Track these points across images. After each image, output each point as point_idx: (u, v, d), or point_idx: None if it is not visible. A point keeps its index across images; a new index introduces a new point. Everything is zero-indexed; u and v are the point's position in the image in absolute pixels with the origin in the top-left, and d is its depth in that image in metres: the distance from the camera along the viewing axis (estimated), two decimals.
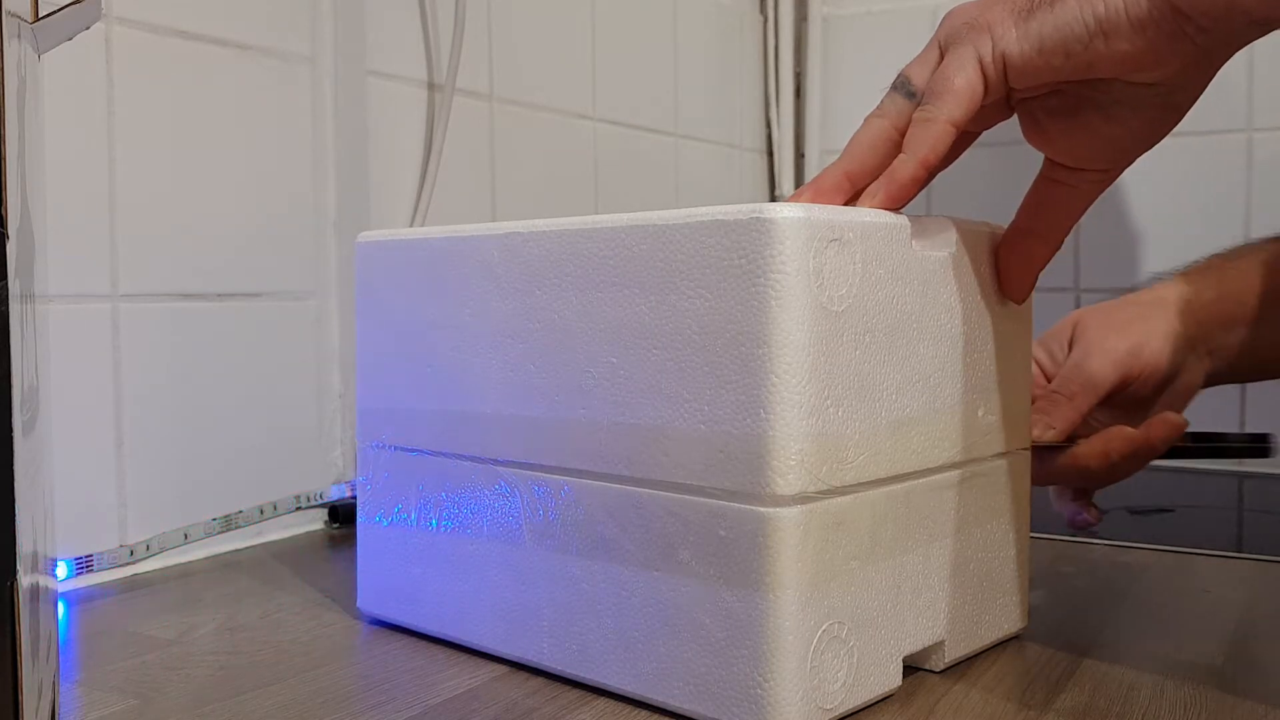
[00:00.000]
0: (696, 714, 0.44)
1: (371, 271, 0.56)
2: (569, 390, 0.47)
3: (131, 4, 0.68)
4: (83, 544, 0.65)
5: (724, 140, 1.27)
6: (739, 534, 0.42)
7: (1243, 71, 1.08)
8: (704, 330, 0.43)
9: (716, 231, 0.42)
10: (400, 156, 0.86)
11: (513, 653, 0.51)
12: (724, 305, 0.42)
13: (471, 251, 0.51)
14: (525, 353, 0.49)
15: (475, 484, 0.52)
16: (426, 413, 0.54)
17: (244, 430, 0.75)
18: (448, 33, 0.88)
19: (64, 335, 0.65)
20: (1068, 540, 0.74)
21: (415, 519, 0.55)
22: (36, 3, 0.37)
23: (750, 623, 0.42)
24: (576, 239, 0.47)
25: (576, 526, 0.48)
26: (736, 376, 0.42)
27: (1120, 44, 0.45)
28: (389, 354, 0.55)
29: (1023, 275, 0.51)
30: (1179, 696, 0.47)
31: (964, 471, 0.50)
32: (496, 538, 0.51)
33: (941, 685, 0.48)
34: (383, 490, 0.56)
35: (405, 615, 0.56)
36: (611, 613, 0.46)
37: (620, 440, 0.46)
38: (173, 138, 0.70)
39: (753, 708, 0.42)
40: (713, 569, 0.43)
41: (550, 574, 0.49)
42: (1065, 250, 1.17)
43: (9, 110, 0.31)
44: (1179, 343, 0.68)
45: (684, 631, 0.44)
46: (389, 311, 0.55)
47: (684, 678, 0.44)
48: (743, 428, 0.42)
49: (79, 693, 0.49)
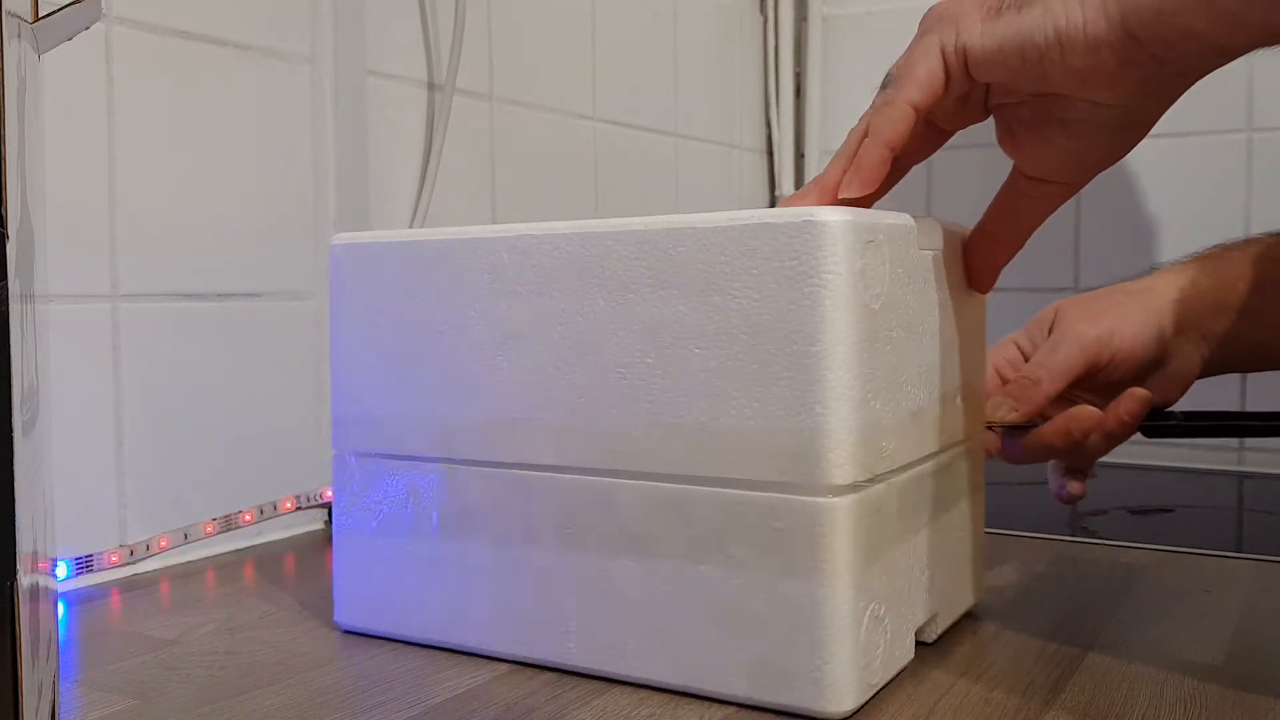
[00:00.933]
0: (754, 700, 0.45)
1: (348, 275, 0.54)
2: (599, 392, 0.47)
3: (132, 4, 0.68)
4: (83, 544, 0.65)
5: (724, 140, 1.27)
6: (795, 525, 0.44)
7: (1243, 71, 1.08)
8: (753, 329, 0.44)
9: (766, 234, 0.44)
10: (400, 156, 0.86)
11: (531, 655, 0.51)
12: (774, 305, 0.44)
13: (475, 254, 0.50)
14: (543, 355, 0.49)
15: (483, 488, 0.51)
16: (420, 419, 0.52)
17: (244, 430, 0.75)
18: (448, 33, 0.88)
19: (64, 335, 0.65)
20: (1067, 540, 0.74)
21: (408, 528, 0.53)
22: (37, 3, 0.37)
23: (810, 609, 0.44)
24: (605, 241, 0.47)
25: (608, 526, 0.48)
26: (788, 373, 0.43)
27: (1074, 59, 0.47)
28: (371, 360, 0.54)
29: (988, 272, 0.55)
30: (1179, 696, 0.47)
31: (947, 455, 0.53)
32: (511, 541, 0.50)
33: (942, 684, 0.48)
34: (365, 500, 0.55)
35: (396, 626, 0.54)
36: (650, 609, 0.47)
37: (660, 439, 0.46)
38: (173, 138, 0.70)
39: (814, 689, 0.44)
40: (769, 560, 0.44)
41: (577, 574, 0.49)
42: (1065, 250, 1.18)
43: (9, 110, 0.31)
44: (1162, 330, 0.68)
45: (737, 622, 0.45)
46: (370, 315, 0.53)
47: (738, 667, 0.45)
48: (797, 423, 0.43)
49: (79, 692, 0.49)
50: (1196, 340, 0.69)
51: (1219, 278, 0.70)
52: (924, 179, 1.22)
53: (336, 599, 0.56)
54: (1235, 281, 0.69)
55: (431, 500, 0.53)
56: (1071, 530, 0.78)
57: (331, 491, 0.80)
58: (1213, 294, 0.69)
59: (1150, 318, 0.68)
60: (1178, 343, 0.69)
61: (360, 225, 0.82)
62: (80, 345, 0.66)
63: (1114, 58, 0.46)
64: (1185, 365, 0.69)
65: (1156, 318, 0.68)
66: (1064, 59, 0.47)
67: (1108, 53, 0.46)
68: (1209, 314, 0.69)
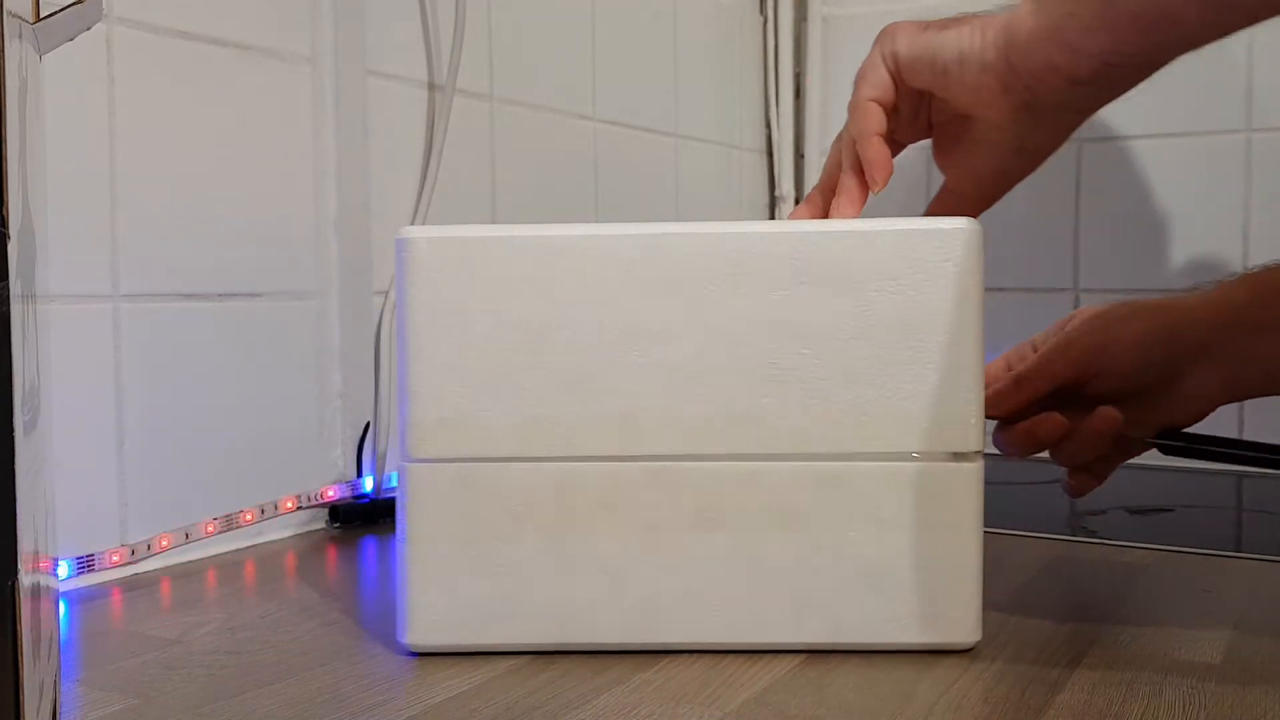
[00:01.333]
0: (901, 645, 0.52)
1: (429, 271, 0.51)
2: (747, 382, 0.51)
3: (132, 4, 0.68)
4: (84, 543, 0.66)
5: (724, 140, 1.27)
6: (949, 487, 0.52)
7: (1243, 71, 1.08)
8: (905, 321, 0.51)
9: (922, 239, 0.51)
10: (400, 156, 0.86)
11: (657, 640, 0.52)
12: (930, 300, 0.51)
13: (601, 251, 0.51)
14: (682, 349, 0.51)
15: (604, 483, 0.51)
16: (528, 418, 0.51)
17: (244, 430, 0.75)
18: (448, 33, 0.88)
19: (65, 335, 0.65)
20: (1067, 540, 0.74)
21: (512, 531, 0.52)
22: (38, 3, 0.37)
23: (955, 557, 0.52)
24: (750, 242, 0.51)
25: (752, 506, 0.51)
26: (938, 358, 0.51)
27: (968, 76, 0.55)
28: (463, 360, 0.51)
29: None
30: (1178, 695, 0.47)
31: None
32: (637, 530, 0.52)
33: (941, 683, 0.48)
34: (451, 508, 0.52)
35: (492, 637, 0.52)
36: (796, 577, 0.52)
37: (813, 423, 0.51)
38: (174, 138, 0.70)
39: (957, 626, 0.52)
40: (917, 519, 0.52)
41: (717, 554, 0.52)
42: (1065, 250, 1.17)
43: (10, 110, 0.31)
44: (1173, 348, 0.65)
45: (885, 577, 0.52)
46: (463, 314, 0.51)
47: (886, 617, 0.52)
48: (948, 400, 0.51)
49: (80, 692, 0.49)
50: (1222, 360, 0.66)
51: (1256, 293, 0.66)
52: (924, 179, 1.22)
53: (407, 619, 0.52)
54: (1274, 299, 0.66)
55: (541, 500, 0.52)
56: (1071, 530, 0.78)
57: (334, 488, 0.79)
58: (1248, 311, 0.66)
59: (1160, 334, 0.65)
60: (1194, 363, 0.65)
61: (360, 225, 0.82)
62: (81, 345, 0.66)
63: (998, 82, 0.55)
64: (1200, 386, 0.66)
65: (1168, 335, 0.65)
66: (962, 75, 0.55)
67: (992, 77, 0.54)
68: (1241, 333, 0.66)
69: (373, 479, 0.82)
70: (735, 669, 0.51)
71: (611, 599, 0.52)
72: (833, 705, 0.47)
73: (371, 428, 0.83)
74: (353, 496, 0.81)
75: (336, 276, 0.81)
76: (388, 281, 0.84)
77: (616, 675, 0.50)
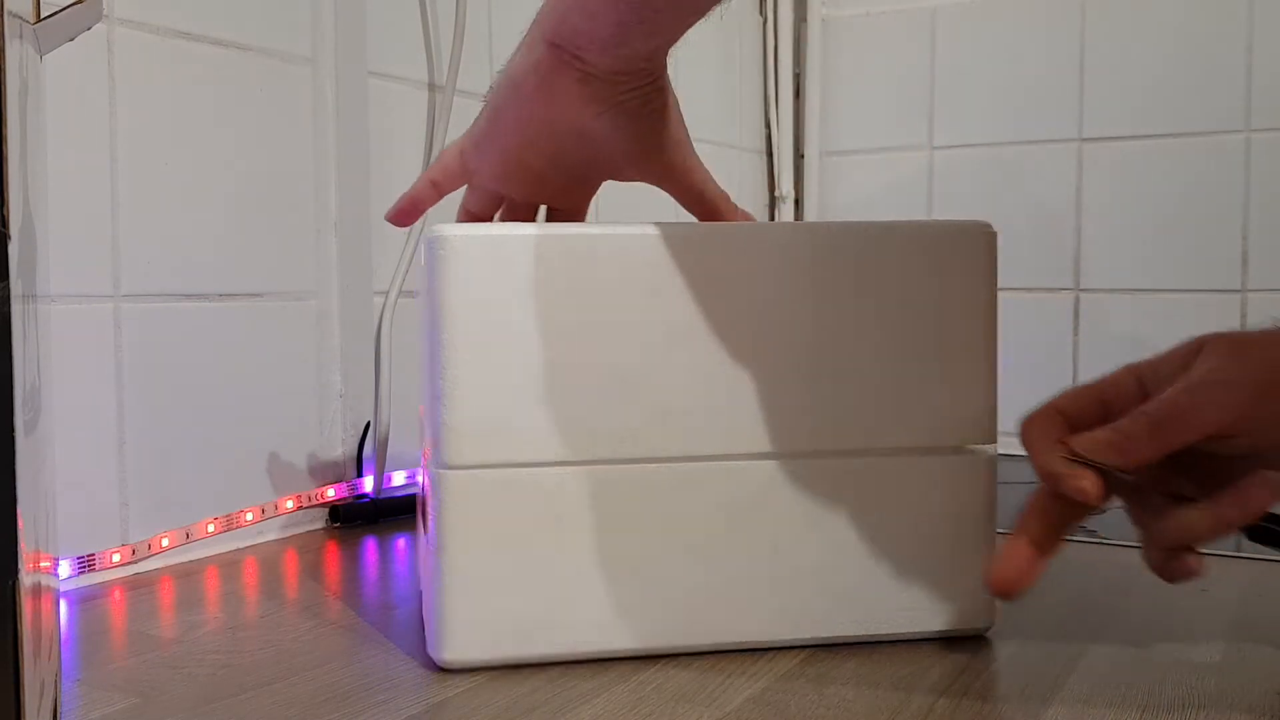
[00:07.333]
0: (923, 633, 0.53)
1: (462, 270, 0.49)
2: (782, 380, 0.52)
3: (133, 5, 0.68)
4: (84, 543, 0.66)
5: (723, 140, 1.27)
6: (975, 476, 0.53)
7: (1242, 71, 1.09)
8: (924, 318, 0.52)
9: (945, 237, 0.53)
10: (400, 157, 0.86)
11: (695, 643, 0.52)
12: (947, 296, 0.52)
13: (643, 250, 0.50)
14: (720, 348, 0.51)
15: (635, 486, 0.50)
16: (569, 421, 0.50)
17: (244, 430, 0.75)
18: (448, 33, 0.88)
19: (66, 335, 0.65)
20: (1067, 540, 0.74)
21: (553, 538, 0.50)
22: (38, 3, 0.37)
23: (978, 544, 0.53)
24: (786, 239, 0.52)
25: (784, 503, 0.52)
26: (967, 352, 0.53)
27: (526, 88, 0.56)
28: (502, 363, 0.49)
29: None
30: (1177, 695, 0.47)
31: None
32: (671, 531, 0.51)
33: (941, 682, 0.48)
34: (482, 517, 0.49)
35: (532, 648, 0.50)
36: (824, 572, 0.52)
37: (849, 417, 0.52)
38: (174, 138, 0.70)
39: (979, 609, 0.54)
40: (944, 509, 0.53)
41: (748, 552, 0.52)
42: (1065, 251, 1.17)
43: (11, 111, 0.31)
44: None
45: (912, 565, 0.53)
46: (501, 315, 0.49)
47: (911, 606, 0.53)
48: (964, 394, 0.53)
49: (80, 691, 0.49)
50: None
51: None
52: (924, 179, 1.22)
53: (440, 634, 0.50)
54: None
55: (581, 504, 0.50)
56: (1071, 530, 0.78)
57: (335, 488, 0.79)
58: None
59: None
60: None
61: (360, 225, 0.82)
62: (82, 345, 0.66)
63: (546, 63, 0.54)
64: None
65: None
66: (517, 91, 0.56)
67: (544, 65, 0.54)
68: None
69: (373, 479, 0.82)
70: (735, 668, 0.51)
71: (654, 603, 0.51)
72: (833, 704, 0.47)
73: (371, 428, 0.83)
74: (353, 496, 0.81)
75: (336, 276, 0.81)
76: (388, 281, 0.84)
77: (616, 675, 0.50)
